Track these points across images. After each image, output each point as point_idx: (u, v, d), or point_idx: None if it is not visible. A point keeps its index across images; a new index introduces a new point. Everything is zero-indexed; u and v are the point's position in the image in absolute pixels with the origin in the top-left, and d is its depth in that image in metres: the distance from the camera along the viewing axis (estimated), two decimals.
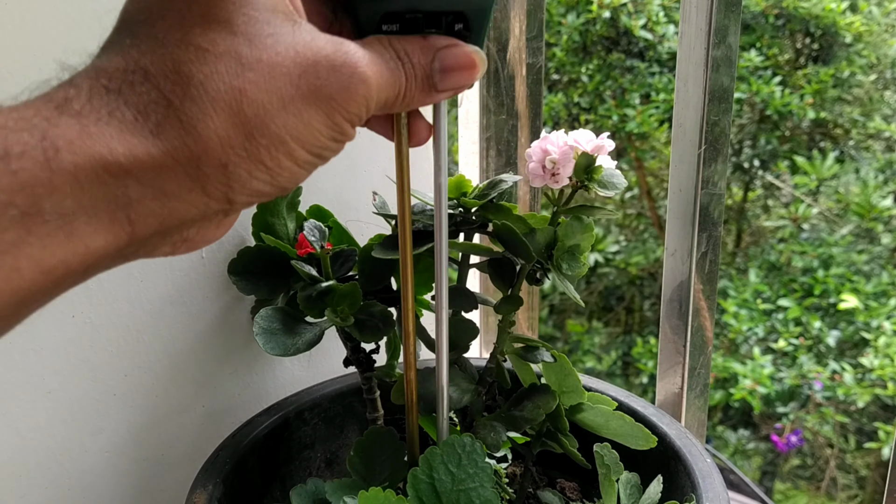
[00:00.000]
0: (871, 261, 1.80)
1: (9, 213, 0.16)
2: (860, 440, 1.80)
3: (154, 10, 0.19)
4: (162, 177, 0.18)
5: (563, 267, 0.33)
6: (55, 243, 0.17)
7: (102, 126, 0.17)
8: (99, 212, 0.17)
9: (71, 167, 0.17)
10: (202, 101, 0.18)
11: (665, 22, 1.73)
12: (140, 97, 0.18)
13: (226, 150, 0.18)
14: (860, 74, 1.85)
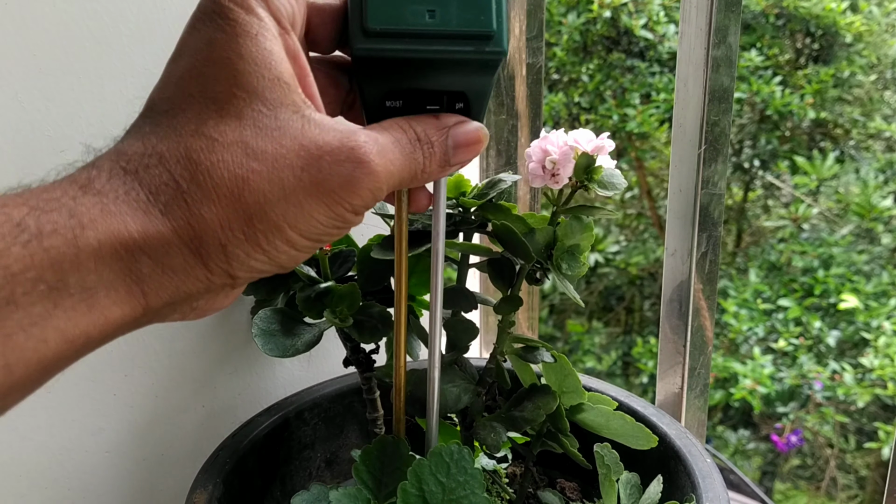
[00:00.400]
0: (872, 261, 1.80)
1: (38, 289, 0.17)
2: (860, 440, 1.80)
3: (177, 102, 0.21)
4: (169, 253, 0.20)
5: (562, 267, 0.33)
6: (78, 315, 0.18)
7: (120, 204, 0.19)
8: (117, 286, 0.19)
9: (95, 244, 0.18)
10: (206, 186, 0.19)
11: (665, 22, 1.73)
12: (153, 178, 0.20)
13: (225, 233, 0.20)
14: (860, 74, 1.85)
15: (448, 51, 0.23)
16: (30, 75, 0.35)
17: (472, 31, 0.23)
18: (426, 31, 0.23)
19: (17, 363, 0.17)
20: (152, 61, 0.39)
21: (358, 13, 0.23)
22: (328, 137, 0.21)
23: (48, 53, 0.35)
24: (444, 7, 0.23)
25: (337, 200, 0.21)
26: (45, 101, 0.36)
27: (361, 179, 0.21)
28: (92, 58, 0.37)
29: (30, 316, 0.17)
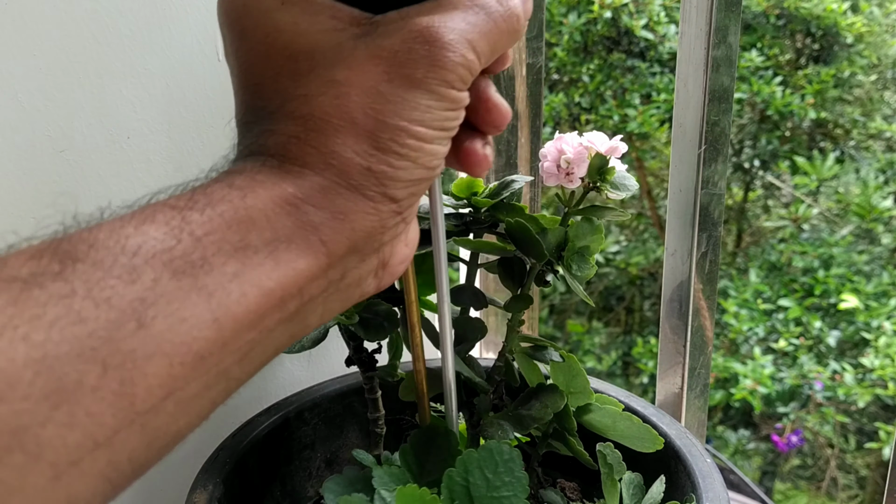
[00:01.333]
0: (872, 261, 1.80)
1: (225, 248, 0.19)
2: (860, 440, 1.80)
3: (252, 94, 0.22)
4: (329, 196, 0.20)
5: (572, 268, 0.33)
6: (268, 270, 0.19)
7: (265, 174, 0.20)
8: (295, 238, 0.20)
9: (260, 205, 0.19)
10: (321, 128, 0.21)
11: (666, 22, 1.73)
12: (277, 145, 0.21)
13: (361, 156, 0.21)
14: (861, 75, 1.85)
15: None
16: (30, 75, 0.35)
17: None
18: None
19: (225, 318, 0.18)
20: (152, 61, 0.39)
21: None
22: (391, 41, 0.21)
23: (48, 53, 0.35)
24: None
25: (433, 84, 0.21)
26: (45, 101, 0.36)
27: (441, 48, 0.21)
28: (92, 58, 0.37)
29: (225, 274, 0.18)
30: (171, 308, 0.17)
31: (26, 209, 0.35)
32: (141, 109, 0.39)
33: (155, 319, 0.17)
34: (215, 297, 0.18)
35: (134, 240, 0.18)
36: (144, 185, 0.39)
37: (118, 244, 0.17)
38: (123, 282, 0.17)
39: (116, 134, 0.38)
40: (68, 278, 0.16)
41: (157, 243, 0.18)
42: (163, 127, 0.39)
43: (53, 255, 0.17)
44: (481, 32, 0.22)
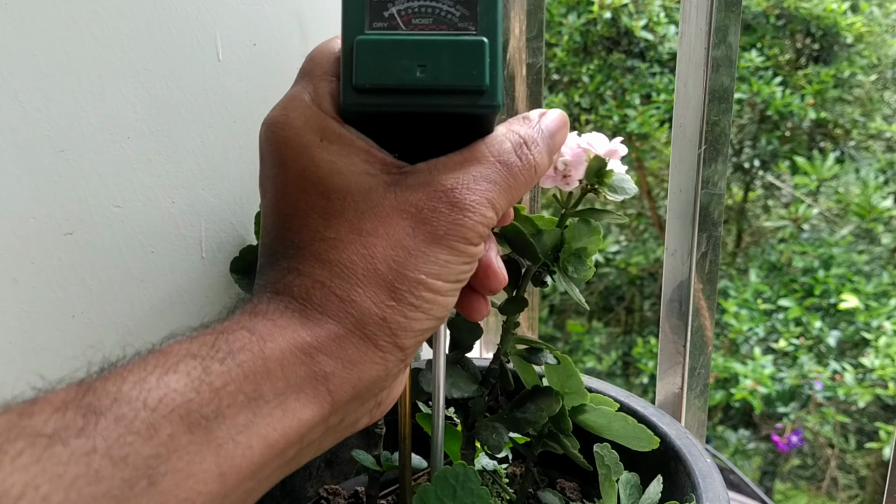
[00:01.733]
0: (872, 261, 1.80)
1: (239, 400, 0.19)
2: (861, 440, 1.80)
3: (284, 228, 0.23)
4: (342, 346, 0.21)
5: (569, 269, 0.33)
6: (275, 421, 0.20)
7: (286, 319, 0.21)
8: (304, 388, 0.21)
9: (278, 353, 0.21)
10: (346, 276, 0.22)
11: (666, 22, 1.73)
12: (301, 288, 0.22)
13: (379, 306, 0.22)
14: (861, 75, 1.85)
15: (438, 105, 0.23)
16: (30, 75, 0.35)
17: (463, 85, 0.22)
18: (416, 86, 0.22)
19: (230, 471, 0.19)
20: (152, 61, 0.39)
21: (348, 70, 0.23)
22: (417, 195, 0.22)
23: (48, 53, 0.35)
24: (435, 62, 0.22)
25: (453, 241, 0.22)
26: (45, 101, 0.36)
27: (463, 209, 0.22)
28: (92, 58, 0.37)
29: (235, 426, 0.19)
30: (181, 463, 0.18)
31: (26, 209, 0.35)
32: (141, 109, 0.39)
33: (165, 476, 0.18)
34: (223, 450, 0.19)
35: (156, 393, 0.19)
36: (144, 185, 0.39)
37: (140, 397, 0.18)
38: (142, 438, 0.18)
39: (116, 134, 0.38)
40: (90, 434, 0.17)
41: (178, 396, 0.19)
42: (163, 127, 0.39)
43: (77, 409, 0.18)
44: (501, 189, 0.23)
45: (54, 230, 0.36)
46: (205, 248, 0.43)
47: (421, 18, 0.23)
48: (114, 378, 0.19)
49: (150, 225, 0.40)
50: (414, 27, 0.23)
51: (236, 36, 0.42)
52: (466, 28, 0.23)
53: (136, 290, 0.41)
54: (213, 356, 0.20)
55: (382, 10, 0.23)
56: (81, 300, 0.38)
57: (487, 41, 0.22)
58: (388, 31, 0.23)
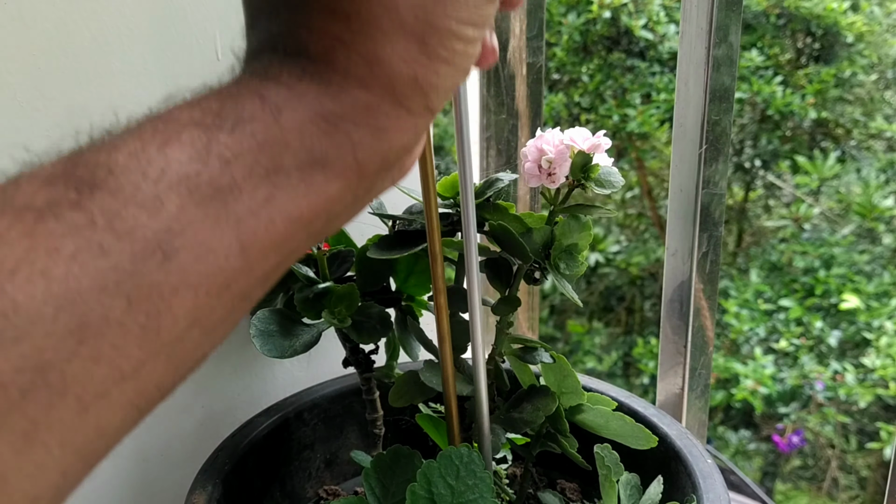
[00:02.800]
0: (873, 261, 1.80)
1: (257, 172, 0.17)
2: (861, 440, 1.80)
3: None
4: (372, 112, 0.19)
5: (560, 266, 0.32)
6: (299, 195, 0.18)
7: (305, 83, 0.18)
8: (330, 160, 0.18)
9: (296, 124, 0.18)
10: (369, 31, 0.19)
11: (666, 21, 1.73)
12: (317, 46, 0.19)
13: (410, 64, 0.19)
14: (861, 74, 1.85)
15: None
16: (30, 75, 0.35)
17: None
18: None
19: (252, 245, 0.17)
20: (152, 61, 0.39)
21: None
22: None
23: (48, 53, 0.35)
24: None
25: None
26: (45, 101, 0.36)
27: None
28: (92, 58, 0.37)
29: (255, 199, 0.17)
30: (197, 238, 0.16)
31: None
32: (141, 110, 0.38)
33: (181, 251, 0.16)
34: (244, 225, 0.17)
35: (157, 164, 0.16)
36: None
37: (139, 169, 0.16)
38: (147, 211, 0.16)
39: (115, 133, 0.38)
40: (87, 208, 0.15)
41: (183, 167, 0.16)
42: None
43: (69, 182, 0.15)
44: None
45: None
46: None
47: None
48: (107, 149, 0.16)
49: None
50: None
51: (236, 36, 0.42)
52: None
53: None
54: (219, 125, 0.17)
55: None
56: None
57: None
58: None
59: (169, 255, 0.16)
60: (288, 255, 0.19)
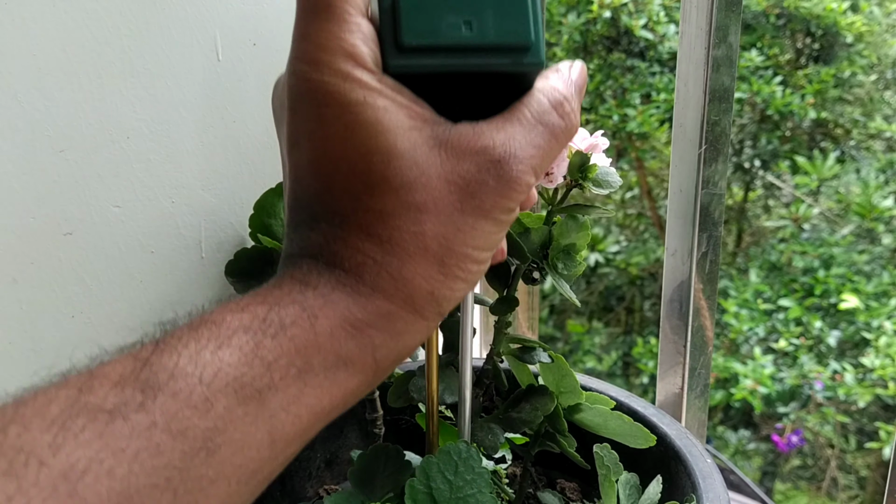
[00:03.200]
0: (872, 261, 1.80)
1: (290, 373, 0.20)
2: (861, 440, 1.80)
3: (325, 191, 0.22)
4: (392, 320, 0.22)
5: (558, 266, 0.33)
6: (324, 391, 0.21)
7: (338, 294, 0.22)
8: (353, 360, 0.22)
9: (329, 329, 0.21)
10: (397, 253, 0.22)
11: (666, 21, 1.73)
12: (351, 262, 0.22)
13: (429, 282, 0.22)
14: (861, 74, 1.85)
15: (485, 63, 0.22)
16: (30, 75, 0.35)
17: (509, 42, 0.22)
18: (463, 44, 0.22)
19: (280, 438, 0.20)
20: (152, 61, 0.39)
21: (391, 28, 0.21)
22: (465, 166, 0.22)
23: (48, 53, 0.35)
24: (481, 18, 0.22)
25: (498, 208, 0.23)
26: (45, 101, 0.36)
27: (509, 182, 0.22)
28: (92, 58, 0.37)
29: (287, 397, 0.20)
30: (237, 435, 0.19)
31: (26, 209, 0.35)
32: (140, 109, 0.39)
33: (222, 447, 0.19)
34: (276, 420, 0.20)
35: (211, 368, 0.19)
36: (144, 185, 0.39)
37: (195, 373, 0.19)
38: (199, 412, 0.19)
39: (116, 134, 0.38)
40: (150, 409, 0.18)
41: (232, 370, 0.19)
42: (163, 127, 0.39)
43: (136, 385, 0.18)
44: (544, 154, 0.23)
45: (54, 230, 0.36)
46: (204, 248, 0.43)
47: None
48: (169, 352, 0.19)
49: (149, 225, 0.40)
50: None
51: (236, 36, 0.42)
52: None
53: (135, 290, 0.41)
54: (264, 330, 0.20)
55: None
56: (81, 300, 0.38)
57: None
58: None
59: (212, 451, 0.19)
60: (305, 442, 0.22)
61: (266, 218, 0.41)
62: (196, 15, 0.40)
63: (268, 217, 0.41)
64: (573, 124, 0.24)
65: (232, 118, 0.43)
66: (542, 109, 0.23)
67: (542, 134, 0.23)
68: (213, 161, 0.42)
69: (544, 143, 0.23)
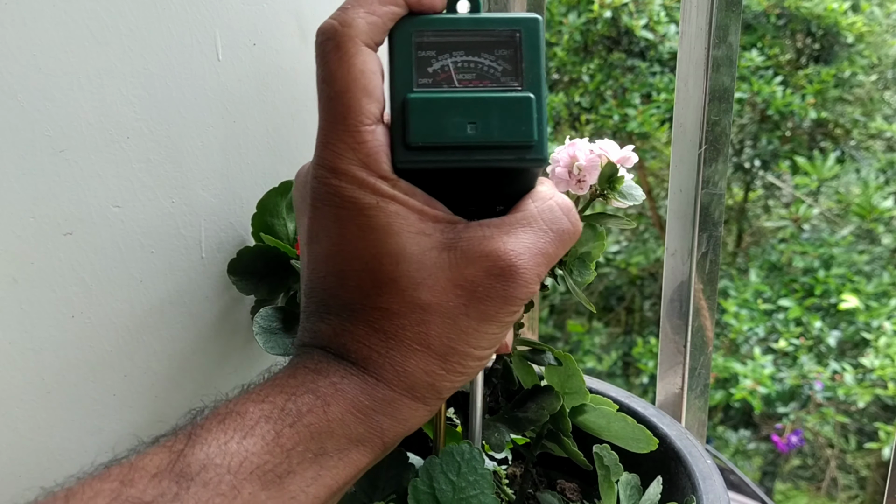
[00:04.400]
0: (872, 261, 1.80)
1: (307, 458, 0.22)
2: (860, 440, 1.80)
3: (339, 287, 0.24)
4: (396, 407, 0.24)
5: (573, 273, 0.33)
6: (338, 471, 0.23)
7: (346, 383, 0.23)
8: (364, 441, 0.23)
9: (340, 416, 0.23)
10: (401, 348, 0.23)
11: (666, 21, 1.73)
12: (358, 354, 0.24)
13: (430, 376, 0.24)
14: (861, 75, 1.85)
15: (489, 160, 0.23)
16: (29, 75, 0.35)
17: (513, 141, 0.23)
18: (468, 143, 0.23)
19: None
20: (152, 61, 0.39)
21: (401, 129, 0.23)
22: (473, 270, 0.23)
23: (48, 53, 0.35)
24: (486, 119, 0.23)
25: (503, 312, 0.24)
26: (45, 100, 0.36)
27: (516, 289, 0.23)
28: (91, 58, 0.37)
29: (305, 480, 0.22)
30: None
31: (26, 209, 0.35)
32: (140, 109, 0.38)
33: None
34: (295, 501, 0.22)
35: (237, 458, 0.21)
36: (144, 185, 0.39)
37: (224, 463, 0.21)
38: (227, 499, 0.21)
39: (116, 134, 0.38)
40: (184, 499, 0.20)
41: (256, 458, 0.21)
42: (162, 127, 0.39)
43: (171, 476, 0.21)
44: (551, 259, 0.24)
45: (54, 230, 0.36)
46: (204, 248, 0.43)
47: (464, 74, 0.23)
48: (200, 444, 0.21)
49: (149, 225, 0.40)
50: (458, 83, 0.23)
51: (236, 36, 0.42)
52: (509, 83, 0.23)
53: (135, 290, 0.41)
54: (283, 420, 0.22)
55: (427, 66, 0.23)
56: (81, 300, 0.38)
57: (534, 97, 0.23)
58: (434, 87, 0.23)
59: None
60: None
61: (268, 217, 0.41)
62: (196, 15, 0.40)
63: (270, 216, 0.41)
64: (580, 229, 0.25)
65: (232, 118, 0.43)
66: (554, 217, 0.24)
67: (552, 241, 0.24)
68: (213, 161, 0.42)
69: (552, 250, 0.24)
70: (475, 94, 0.23)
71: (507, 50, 0.23)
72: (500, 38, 0.23)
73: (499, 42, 0.23)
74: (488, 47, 0.23)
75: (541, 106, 0.23)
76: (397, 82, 0.23)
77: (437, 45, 0.23)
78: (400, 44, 0.23)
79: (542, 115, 0.23)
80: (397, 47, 0.23)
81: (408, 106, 0.23)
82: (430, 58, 0.23)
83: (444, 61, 0.23)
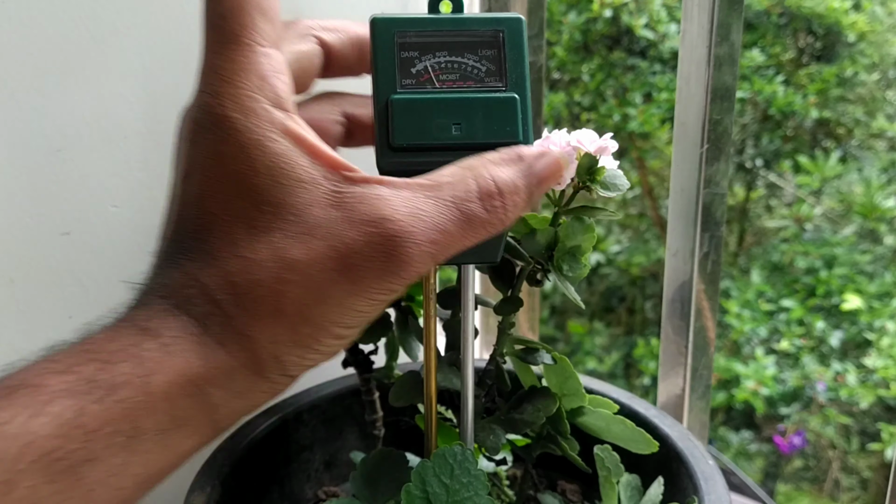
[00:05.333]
0: (875, 261, 1.79)
1: (116, 441, 0.18)
2: (863, 441, 1.79)
3: (203, 224, 0.21)
4: (233, 379, 0.20)
5: (563, 268, 0.32)
6: (154, 458, 0.19)
7: (179, 343, 0.20)
8: (190, 421, 0.20)
9: (165, 386, 0.19)
10: (250, 308, 0.20)
11: (667, 20, 1.73)
12: (201, 309, 0.20)
13: (276, 346, 0.20)
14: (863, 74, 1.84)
15: None
16: (27, 74, 0.35)
17: (497, 141, 0.23)
18: (453, 144, 0.23)
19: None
20: (152, 61, 0.38)
21: (385, 130, 0.22)
22: (354, 234, 0.20)
23: (47, 53, 0.35)
24: (470, 119, 0.23)
25: (377, 289, 0.20)
26: (43, 100, 0.36)
27: (398, 264, 0.20)
28: (90, 57, 0.36)
29: (109, 468, 0.18)
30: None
31: (23, 209, 0.35)
32: (139, 109, 0.38)
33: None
34: (94, 494, 0.18)
35: (17, 442, 0.17)
36: (142, 185, 0.39)
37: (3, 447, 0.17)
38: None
39: (114, 133, 0.38)
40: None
41: (43, 442, 0.17)
42: (160, 126, 0.39)
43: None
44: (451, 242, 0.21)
45: (51, 230, 0.36)
46: None
47: (448, 74, 0.23)
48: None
49: (147, 225, 0.40)
50: (442, 83, 0.23)
51: None
52: (493, 83, 0.23)
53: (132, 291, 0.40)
54: (90, 394, 0.18)
55: (410, 66, 0.23)
56: (78, 301, 0.38)
57: (518, 98, 0.23)
58: (417, 88, 0.23)
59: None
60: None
61: None
62: (195, 14, 0.40)
63: None
64: (501, 220, 0.21)
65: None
66: (465, 195, 0.21)
67: (454, 220, 0.20)
68: None
69: (454, 231, 0.20)
70: (459, 94, 0.23)
71: (491, 50, 0.23)
72: (484, 38, 0.23)
73: (482, 42, 0.23)
74: (472, 48, 0.23)
75: (525, 106, 0.23)
76: (380, 83, 0.23)
77: (420, 46, 0.23)
78: (382, 44, 0.23)
79: (526, 116, 0.23)
80: (379, 48, 0.23)
81: (391, 107, 0.22)
82: (413, 58, 0.23)
83: (428, 62, 0.23)
